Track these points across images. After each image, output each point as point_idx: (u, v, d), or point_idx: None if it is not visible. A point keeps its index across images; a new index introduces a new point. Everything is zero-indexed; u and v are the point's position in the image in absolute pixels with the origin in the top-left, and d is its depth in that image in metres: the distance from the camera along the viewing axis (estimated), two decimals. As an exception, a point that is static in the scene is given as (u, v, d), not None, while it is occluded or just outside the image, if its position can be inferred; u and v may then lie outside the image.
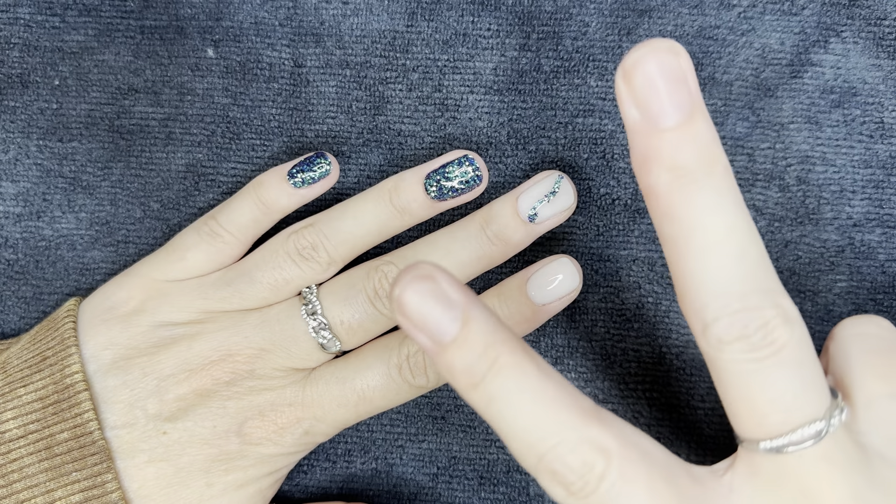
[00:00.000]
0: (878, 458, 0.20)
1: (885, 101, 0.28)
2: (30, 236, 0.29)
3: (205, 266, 0.26)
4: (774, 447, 0.19)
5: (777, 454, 0.19)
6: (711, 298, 0.19)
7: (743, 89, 0.28)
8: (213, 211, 0.27)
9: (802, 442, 0.19)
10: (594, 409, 0.19)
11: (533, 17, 0.28)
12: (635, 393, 0.29)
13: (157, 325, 0.26)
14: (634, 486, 0.19)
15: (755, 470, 0.20)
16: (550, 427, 0.19)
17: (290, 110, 0.29)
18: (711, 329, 0.19)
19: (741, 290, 0.18)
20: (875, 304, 0.28)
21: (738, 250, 0.19)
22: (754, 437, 0.20)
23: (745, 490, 0.20)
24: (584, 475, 0.18)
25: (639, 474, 0.19)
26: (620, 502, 0.19)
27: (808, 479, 0.19)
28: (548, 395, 0.19)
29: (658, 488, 0.19)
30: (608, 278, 0.29)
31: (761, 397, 0.19)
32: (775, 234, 0.28)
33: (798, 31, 0.28)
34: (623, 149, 0.28)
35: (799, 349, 0.19)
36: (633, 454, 0.19)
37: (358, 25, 0.29)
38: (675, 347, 0.28)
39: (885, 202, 0.28)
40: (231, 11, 0.29)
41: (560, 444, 0.18)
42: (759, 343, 0.18)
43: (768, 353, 0.19)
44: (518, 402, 0.19)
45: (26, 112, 0.29)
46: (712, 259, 0.19)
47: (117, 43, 0.29)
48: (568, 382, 0.19)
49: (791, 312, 0.19)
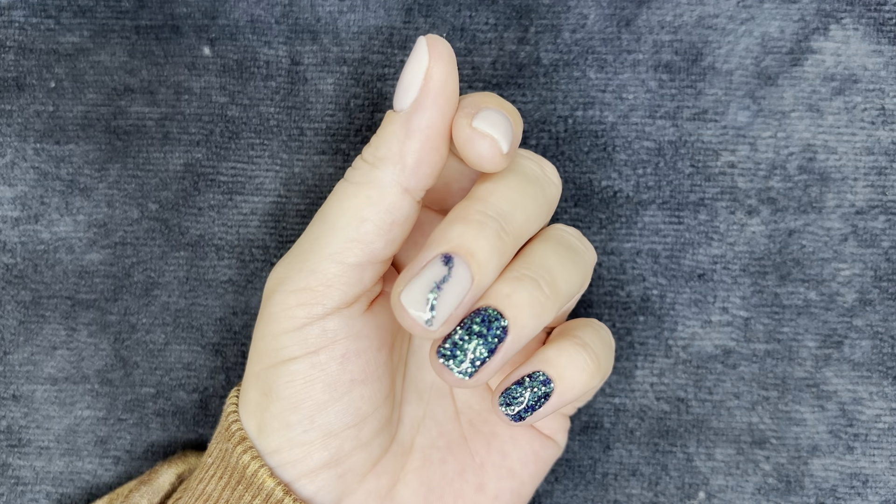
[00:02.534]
0: None
1: (886, 87, 0.28)
2: (28, 240, 0.29)
3: None
4: None
5: None
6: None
7: (744, 78, 0.28)
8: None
9: None
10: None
11: (531, 10, 0.28)
12: (642, 386, 0.28)
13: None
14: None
15: None
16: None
17: (288, 108, 0.29)
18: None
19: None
20: (880, 291, 0.28)
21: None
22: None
23: None
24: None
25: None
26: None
27: None
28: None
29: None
30: (612, 271, 0.28)
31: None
32: (779, 224, 0.28)
33: (798, 19, 0.28)
34: (624, 141, 0.28)
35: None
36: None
37: (355, 22, 0.29)
38: (682, 340, 0.28)
39: (888, 189, 0.28)
40: (227, 9, 0.29)
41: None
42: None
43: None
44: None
45: (22, 115, 0.29)
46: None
47: (112, 43, 0.29)
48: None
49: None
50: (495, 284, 0.21)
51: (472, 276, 0.20)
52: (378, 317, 0.23)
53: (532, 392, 0.22)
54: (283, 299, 0.22)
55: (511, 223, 0.21)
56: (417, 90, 0.21)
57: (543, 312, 0.21)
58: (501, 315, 0.20)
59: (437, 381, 0.25)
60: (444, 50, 0.21)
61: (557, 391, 0.22)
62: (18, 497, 0.29)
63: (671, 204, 0.28)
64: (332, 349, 0.22)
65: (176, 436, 0.29)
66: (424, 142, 0.21)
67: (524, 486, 0.25)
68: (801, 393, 0.28)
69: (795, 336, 0.28)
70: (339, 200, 0.22)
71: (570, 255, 0.22)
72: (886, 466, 0.28)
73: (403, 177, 0.21)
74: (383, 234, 0.21)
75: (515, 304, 0.20)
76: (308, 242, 0.22)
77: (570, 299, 0.23)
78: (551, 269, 0.21)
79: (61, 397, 0.29)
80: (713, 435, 0.28)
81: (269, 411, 0.22)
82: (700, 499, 0.28)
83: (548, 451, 0.25)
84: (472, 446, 0.25)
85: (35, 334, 0.29)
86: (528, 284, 0.21)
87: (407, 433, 0.24)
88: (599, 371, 0.22)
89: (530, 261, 0.21)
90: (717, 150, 0.28)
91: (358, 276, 0.22)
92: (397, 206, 0.21)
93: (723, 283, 0.28)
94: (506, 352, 0.20)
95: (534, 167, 0.22)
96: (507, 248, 0.20)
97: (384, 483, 0.23)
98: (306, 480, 0.22)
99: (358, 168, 0.22)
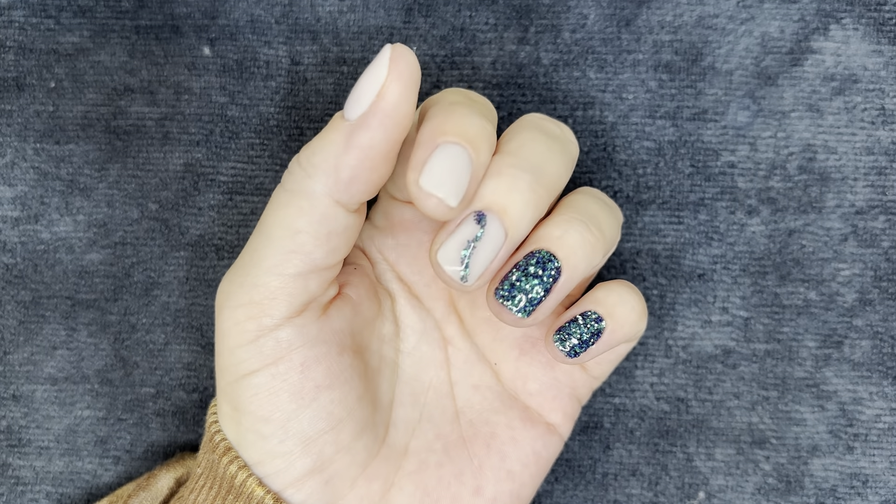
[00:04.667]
0: None
1: (886, 87, 0.28)
2: (28, 240, 0.29)
3: None
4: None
5: None
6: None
7: (743, 78, 0.28)
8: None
9: None
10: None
11: (531, 10, 0.28)
12: (642, 386, 0.28)
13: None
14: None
15: None
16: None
17: (289, 108, 0.29)
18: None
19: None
20: (880, 291, 0.28)
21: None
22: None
23: None
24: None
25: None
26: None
27: None
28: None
29: None
30: (612, 272, 0.28)
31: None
32: (779, 224, 0.28)
33: (797, 19, 0.28)
34: (624, 141, 0.28)
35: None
36: None
37: (354, 22, 0.29)
38: (682, 339, 0.28)
39: (888, 189, 0.28)
40: (226, 9, 0.29)
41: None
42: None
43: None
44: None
45: (22, 115, 0.29)
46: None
47: (112, 43, 0.29)
48: None
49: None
50: (546, 227, 0.22)
51: (506, 231, 0.21)
52: (334, 321, 0.23)
53: (586, 328, 0.23)
54: (232, 314, 0.22)
55: (544, 175, 0.21)
56: (367, 105, 0.20)
57: (593, 253, 0.22)
58: (554, 256, 0.21)
59: (436, 382, 0.25)
60: (405, 67, 0.20)
61: (609, 328, 0.23)
62: (18, 497, 0.29)
63: (671, 204, 0.28)
64: (290, 359, 0.21)
65: (176, 436, 0.29)
66: (362, 160, 0.20)
67: (524, 488, 0.25)
68: (801, 393, 0.28)
69: (795, 336, 0.28)
70: (274, 210, 0.21)
71: (607, 206, 0.23)
72: (886, 466, 0.28)
73: (336, 190, 0.20)
74: (321, 245, 0.21)
75: (567, 245, 0.21)
76: (248, 255, 0.22)
77: (612, 246, 0.23)
78: (596, 215, 0.22)
79: (61, 397, 0.29)
80: (713, 435, 0.28)
81: (243, 425, 0.22)
82: (700, 499, 0.28)
83: (549, 449, 0.25)
84: (471, 448, 0.25)
85: (35, 334, 0.29)
86: (578, 226, 0.22)
87: (400, 437, 0.24)
88: (644, 315, 0.23)
89: (575, 206, 0.22)
90: (717, 150, 0.28)
91: (301, 285, 0.21)
92: (331, 217, 0.21)
93: (723, 283, 0.28)
94: (560, 290, 0.21)
95: (553, 128, 0.23)
96: (541, 201, 0.21)
97: (376, 488, 0.23)
98: (293, 490, 0.22)
99: (292, 173, 0.21)
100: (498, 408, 0.25)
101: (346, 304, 0.23)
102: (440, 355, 0.25)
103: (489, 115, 0.22)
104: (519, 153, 0.21)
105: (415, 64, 0.20)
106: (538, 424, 0.25)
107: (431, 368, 0.25)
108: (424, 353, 0.25)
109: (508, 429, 0.25)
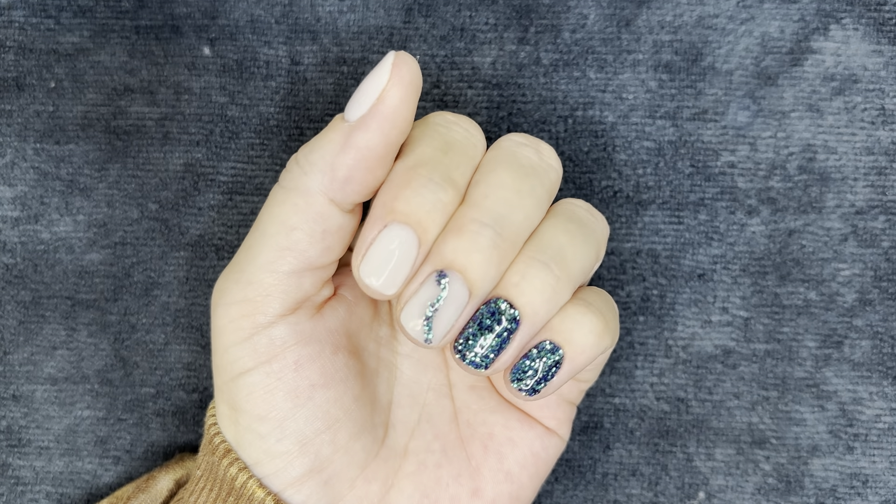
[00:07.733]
0: None
1: (886, 87, 0.28)
2: (28, 240, 0.29)
3: None
4: None
5: None
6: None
7: (743, 78, 0.28)
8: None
9: None
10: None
11: (531, 10, 0.28)
12: (642, 386, 0.28)
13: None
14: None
15: None
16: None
17: (289, 108, 0.29)
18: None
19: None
20: (880, 291, 0.28)
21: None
22: None
23: None
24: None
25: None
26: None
27: None
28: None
29: None
30: (612, 271, 0.28)
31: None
32: (778, 224, 0.28)
33: (797, 19, 0.28)
34: (624, 141, 0.28)
35: None
36: None
37: (354, 22, 0.29)
38: (682, 340, 0.28)
39: (888, 189, 0.28)
40: (226, 9, 0.29)
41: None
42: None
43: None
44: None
45: (22, 115, 0.29)
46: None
47: (112, 43, 0.29)
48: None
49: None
50: (505, 273, 0.20)
51: (469, 290, 0.20)
52: (329, 321, 0.23)
53: (542, 362, 0.21)
54: (226, 312, 0.22)
55: (508, 226, 0.20)
56: (367, 107, 0.20)
57: (556, 296, 0.21)
58: (512, 305, 0.20)
59: (435, 384, 0.25)
60: (407, 73, 0.20)
61: (568, 357, 0.21)
62: (18, 497, 0.29)
63: (671, 204, 0.28)
64: (284, 357, 0.21)
65: (176, 436, 0.29)
66: (359, 160, 0.20)
67: (523, 490, 0.25)
68: (801, 393, 0.28)
69: (795, 336, 0.28)
70: (270, 207, 0.21)
71: (581, 230, 0.22)
72: (886, 466, 0.28)
73: (331, 189, 0.21)
74: (316, 243, 0.21)
75: (525, 293, 0.20)
76: (244, 252, 0.22)
77: (584, 276, 0.22)
78: (561, 249, 0.21)
79: (61, 397, 0.29)
80: (713, 435, 0.28)
81: (240, 424, 0.22)
82: (700, 499, 0.28)
83: (549, 451, 0.25)
84: (469, 449, 0.25)
85: (35, 334, 0.29)
86: (537, 270, 0.20)
87: (400, 437, 0.24)
88: (608, 331, 0.21)
89: (538, 242, 0.21)
90: (717, 150, 0.28)
91: (295, 283, 0.21)
92: (326, 216, 0.21)
93: (723, 283, 0.28)
94: (521, 340, 0.20)
95: (530, 154, 0.22)
96: (505, 255, 0.20)
97: (375, 489, 0.23)
98: (293, 490, 0.22)
99: (289, 171, 0.21)
100: (495, 408, 0.25)
101: (342, 304, 0.23)
102: (438, 357, 0.25)
103: (461, 165, 0.21)
104: (483, 204, 0.20)
105: (417, 71, 0.20)
106: (536, 426, 0.25)
107: (430, 370, 0.25)
108: (422, 355, 0.25)
109: (506, 429, 0.25)
